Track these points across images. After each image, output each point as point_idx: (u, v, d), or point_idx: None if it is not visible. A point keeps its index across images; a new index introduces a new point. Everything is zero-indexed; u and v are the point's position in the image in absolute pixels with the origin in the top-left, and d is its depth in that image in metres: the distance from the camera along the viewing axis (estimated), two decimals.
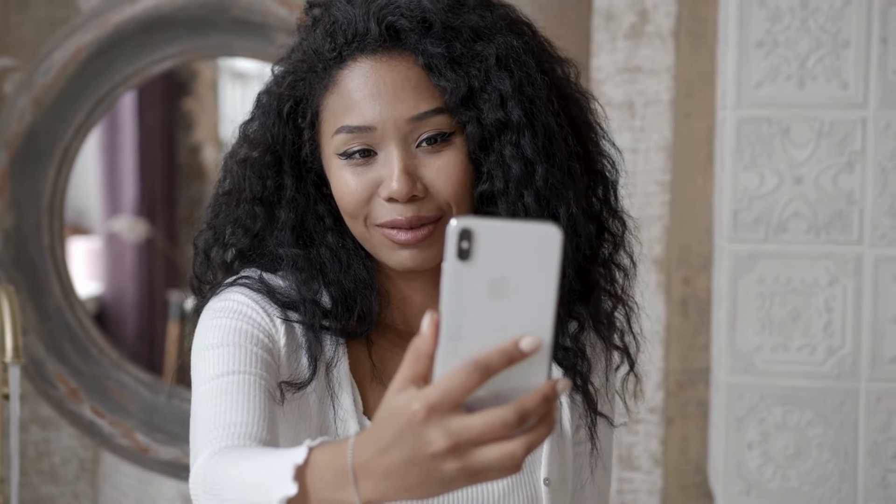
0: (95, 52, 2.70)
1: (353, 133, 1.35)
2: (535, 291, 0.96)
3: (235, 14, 2.66)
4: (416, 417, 0.94)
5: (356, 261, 1.42)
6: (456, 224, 0.95)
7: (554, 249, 0.95)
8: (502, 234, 0.95)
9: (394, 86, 1.35)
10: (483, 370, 0.94)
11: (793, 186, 2.33)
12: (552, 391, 0.95)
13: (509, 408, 0.94)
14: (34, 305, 2.76)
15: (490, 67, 1.36)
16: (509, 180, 1.37)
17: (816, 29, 2.30)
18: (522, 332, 0.96)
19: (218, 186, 1.50)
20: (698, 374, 2.59)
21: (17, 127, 2.71)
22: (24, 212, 2.76)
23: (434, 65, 1.35)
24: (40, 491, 2.85)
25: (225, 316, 1.38)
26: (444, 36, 1.36)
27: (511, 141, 1.37)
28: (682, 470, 2.63)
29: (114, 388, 2.80)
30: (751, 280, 2.35)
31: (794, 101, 2.32)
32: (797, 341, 2.35)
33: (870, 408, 2.33)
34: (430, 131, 1.35)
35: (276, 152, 1.42)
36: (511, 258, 0.95)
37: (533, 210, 1.37)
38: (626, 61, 2.59)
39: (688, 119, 2.58)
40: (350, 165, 1.36)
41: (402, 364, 0.98)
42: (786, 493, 2.36)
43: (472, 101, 1.36)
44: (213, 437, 1.25)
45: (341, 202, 1.38)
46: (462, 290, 0.95)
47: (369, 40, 1.36)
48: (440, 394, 0.94)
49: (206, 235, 1.49)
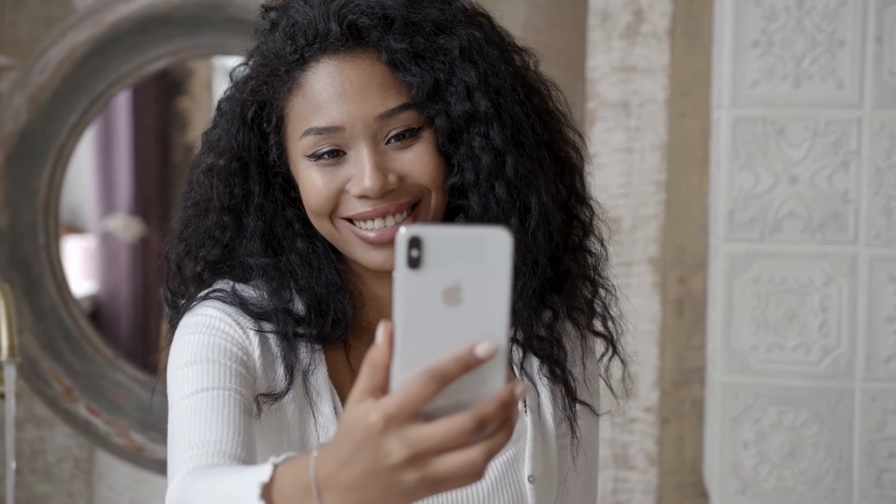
0: (90, 51, 2.69)
1: (321, 134, 1.35)
2: (489, 297, 0.95)
3: (230, 13, 2.65)
4: (374, 429, 0.94)
5: (327, 265, 1.42)
6: (405, 232, 0.94)
7: (505, 254, 0.95)
8: (452, 241, 0.94)
9: (359, 84, 1.35)
10: (439, 378, 0.93)
11: (788, 186, 2.33)
12: (510, 396, 0.95)
13: (467, 415, 0.93)
14: (29, 304, 2.76)
15: (454, 60, 1.36)
16: (480, 172, 1.37)
17: (812, 28, 2.30)
18: (478, 337, 0.95)
19: (185, 198, 1.48)
20: (694, 373, 2.59)
21: (13, 126, 2.71)
22: (19, 211, 2.75)
23: (398, 61, 1.35)
24: (35, 490, 2.84)
25: (199, 332, 1.37)
26: (407, 31, 1.36)
27: (479, 132, 1.37)
28: (677, 469, 2.63)
29: (109, 387, 2.80)
30: (746, 280, 2.35)
31: (790, 100, 2.32)
32: (792, 341, 2.35)
33: (865, 407, 2.33)
34: (399, 128, 1.35)
35: (241, 159, 1.41)
36: (462, 264, 0.94)
37: (504, 200, 1.37)
38: (621, 61, 2.59)
39: (683, 118, 2.58)
40: (319, 166, 1.36)
41: (359, 376, 0.97)
42: (781, 492, 2.37)
43: (438, 95, 1.36)
44: (189, 457, 1.25)
45: (308, 201, 1.38)
46: (414, 299, 0.95)
47: (331, 40, 1.35)
48: (397, 404, 0.93)
49: (178, 248, 1.48)
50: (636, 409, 2.61)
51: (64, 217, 4.57)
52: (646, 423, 2.62)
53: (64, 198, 2.97)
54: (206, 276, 1.46)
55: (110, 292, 4.96)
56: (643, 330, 2.57)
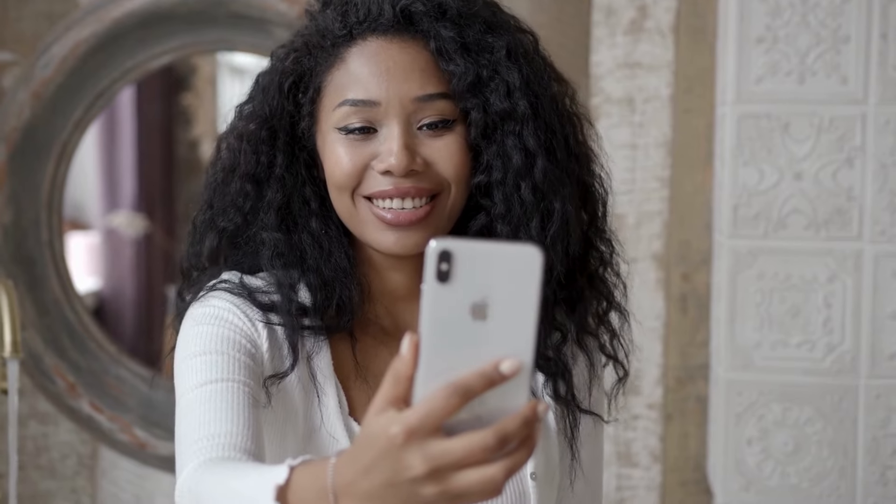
0: (94, 47, 2.69)
1: (356, 106, 1.36)
2: (516, 313, 0.95)
3: (234, 8, 2.65)
4: (395, 441, 0.93)
5: (338, 249, 1.42)
6: (435, 245, 0.94)
7: (535, 271, 0.94)
8: (482, 256, 0.94)
9: (402, 65, 1.36)
10: (463, 393, 0.93)
11: (792, 182, 2.32)
12: (532, 414, 0.94)
13: (489, 432, 0.93)
14: (33, 300, 2.76)
15: (499, 58, 1.38)
16: (508, 170, 1.38)
17: (816, 24, 2.30)
18: (503, 354, 0.94)
19: (212, 165, 1.50)
20: (697, 370, 2.59)
21: (16, 122, 2.70)
22: (22, 207, 2.75)
23: (445, 49, 1.37)
24: (39, 486, 2.84)
25: (207, 323, 1.37)
26: (458, 22, 1.38)
27: (514, 131, 1.38)
28: (681, 466, 2.63)
29: (112, 383, 2.80)
30: (750, 276, 2.35)
31: (794, 96, 2.32)
32: (796, 338, 2.35)
33: (869, 404, 2.33)
34: (433, 116, 1.37)
35: (271, 128, 1.42)
36: (491, 280, 0.94)
37: (528, 202, 1.38)
38: (625, 57, 2.58)
39: (687, 115, 2.57)
40: (348, 140, 1.37)
41: (381, 385, 0.97)
42: (785, 489, 2.36)
43: (478, 89, 1.37)
44: (199, 448, 1.25)
45: (332, 174, 1.39)
46: (442, 312, 0.94)
47: (382, 21, 1.38)
48: (419, 417, 0.93)
49: (205, 215, 1.49)
50: (640, 405, 2.61)
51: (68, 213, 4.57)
52: (649, 419, 2.61)
53: (68, 194, 2.97)
54: (224, 250, 1.46)
55: (114, 288, 4.96)
56: (647, 327, 2.56)
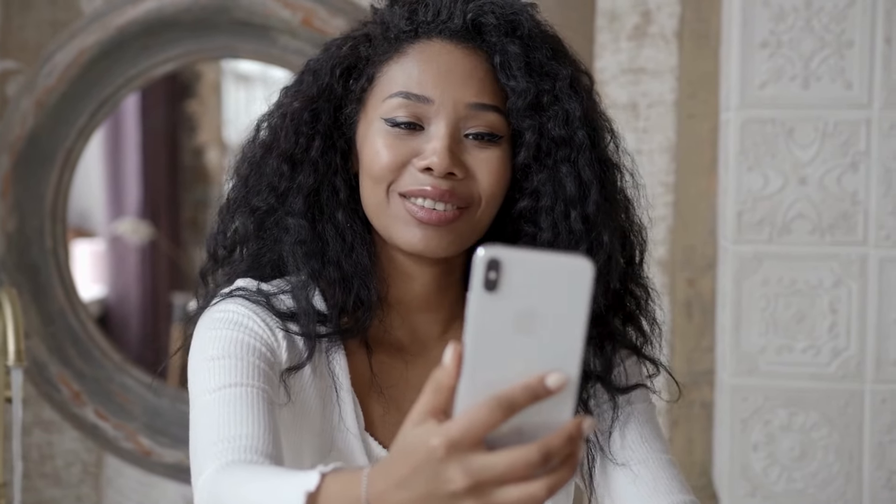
0: (98, 55, 2.69)
1: (408, 100, 1.35)
2: (564, 326, 0.92)
3: (238, 16, 2.65)
4: (436, 454, 0.91)
5: (360, 245, 1.41)
6: (484, 253, 0.91)
7: (585, 283, 0.92)
8: (532, 266, 0.92)
9: (462, 70, 1.36)
10: (507, 407, 0.91)
11: (797, 187, 2.32)
12: (577, 430, 0.92)
13: (533, 448, 0.91)
14: (37, 309, 2.76)
15: (562, 87, 1.38)
16: (559, 197, 1.37)
17: (820, 29, 2.30)
18: (548, 367, 0.92)
19: (248, 143, 1.47)
20: (703, 375, 2.58)
21: (20, 130, 2.71)
22: (26, 215, 2.76)
23: (509, 64, 1.36)
24: (44, 494, 2.84)
25: (225, 327, 1.36)
26: (527, 42, 1.38)
27: (569, 158, 1.37)
28: (686, 471, 2.62)
29: (117, 391, 2.80)
30: (755, 281, 2.34)
31: (799, 101, 2.31)
32: (802, 343, 2.34)
33: (875, 409, 2.32)
34: (482, 127, 1.36)
35: (315, 109, 1.41)
36: (540, 291, 0.91)
37: (578, 231, 1.37)
38: (629, 62, 2.58)
39: (692, 120, 2.57)
40: (393, 133, 1.36)
41: (420, 395, 0.95)
42: (791, 494, 2.36)
43: (537, 110, 1.37)
44: (218, 450, 1.23)
45: (370, 164, 1.37)
46: (488, 322, 0.92)
47: (450, 26, 1.37)
48: (461, 430, 0.91)
49: (240, 192, 1.45)
50: None
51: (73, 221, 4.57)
52: None
53: (73, 201, 2.97)
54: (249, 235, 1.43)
55: (119, 296, 4.97)
56: None
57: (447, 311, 1.45)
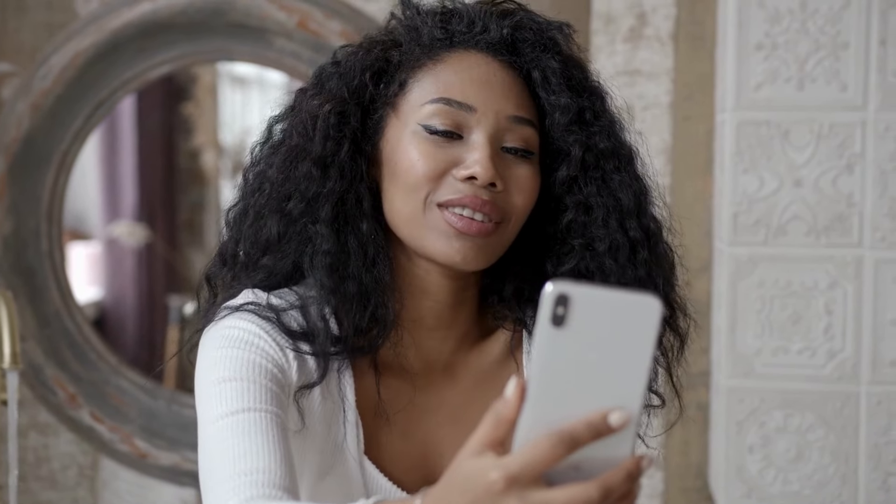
0: (93, 57, 2.69)
1: (450, 106, 1.33)
2: (628, 363, 0.92)
3: (233, 18, 2.65)
4: (495, 487, 0.90)
5: (382, 260, 1.37)
6: (553, 288, 0.91)
7: (652, 322, 0.91)
8: (600, 302, 0.91)
9: (502, 82, 1.35)
10: (569, 442, 0.90)
11: (792, 189, 2.32)
12: (637, 468, 0.92)
13: (592, 485, 0.90)
14: (33, 311, 2.76)
15: (600, 104, 1.38)
16: (614, 208, 1.36)
17: (815, 31, 2.30)
18: (611, 404, 0.92)
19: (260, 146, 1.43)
20: (699, 377, 2.58)
21: (16, 132, 2.71)
22: (22, 217, 2.75)
23: (549, 79, 1.36)
24: (40, 497, 2.84)
25: (235, 346, 1.32)
26: (565, 61, 1.38)
27: (619, 169, 1.37)
28: (682, 473, 2.62)
29: (113, 394, 2.79)
30: (751, 283, 2.34)
31: (794, 103, 2.31)
32: (797, 344, 2.34)
33: (870, 411, 2.32)
34: (519, 142, 1.35)
35: (343, 112, 1.37)
36: (607, 327, 0.91)
37: (638, 241, 1.37)
38: (625, 64, 2.58)
39: (687, 122, 2.57)
40: (430, 140, 1.33)
41: (479, 426, 0.94)
42: (787, 496, 2.36)
43: (581, 125, 1.36)
44: (237, 485, 1.20)
45: (406, 173, 1.34)
46: (553, 357, 0.91)
47: (486, 38, 1.36)
48: (521, 464, 0.90)
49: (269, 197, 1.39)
50: None
51: (69, 223, 4.57)
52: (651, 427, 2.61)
53: (69, 204, 2.97)
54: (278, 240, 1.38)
55: (115, 298, 4.96)
56: None
57: (460, 329, 1.43)
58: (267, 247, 1.39)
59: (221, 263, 1.44)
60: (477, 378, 1.44)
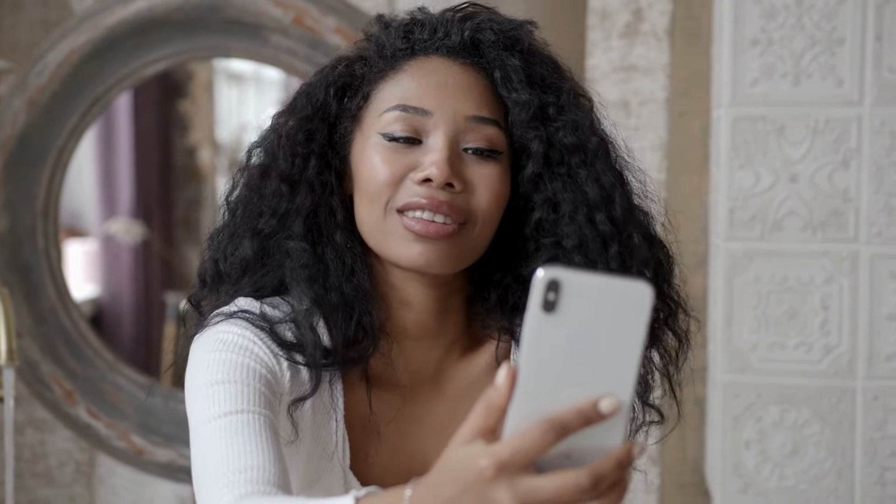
0: (89, 54, 2.69)
1: (406, 112, 1.33)
2: (619, 350, 0.91)
3: (229, 15, 2.65)
4: (485, 475, 0.90)
5: (360, 269, 1.37)
6: (544, 274, 0.90)
7: (644, 308, 0.90)
8: (591, 288, 0.90)
9: (461, 84, 1.34)
10: (559, 430, 0.90)
11: (788, 184, 2.32)
12: (627, 456, 0.91)
13: (583, 472, 0.90)
14: (29, 308, 2.76)
15: (567, 99, 1.37)
16: (581, 203, 1.35)
17: (811, 27, 2.30)
18: (602, 391, 0.91)
19: (240, 171, 1.44)
20: (695, 372, 2.58)
21: (11, 129, 2.71)
22: (18, 214, 2.75)
23: (510, 77, 1.35)
24: (36, 493, 2.84)
25: (228, 350, 1.32)
26: (527, 58, 1.37)
27: (586, 163, 1.36)
28: (679, 469, 2.62)
29: (109, 390, 2.79)
30: (747, 278, 2.35)
31: (790, 99, 2.31)
32: (793, 339, 2.34)
33: (866, 406, 2.33)
34: (481, 142, 1.34)
35: (310, 129, 1.38)
36: (598, 313, 0.90)
37: (607, 234, 1.35)
38: (621, 60, 2.58)
39: (683, 118, 2.57)
40: (390, 147, 1.33)
41: (470, 414, 0.94)
42: (783, 491, 2.36)
43: (542, 121, 1.35)
44: (230, 482, 1.20)
45: (367, 181, 1.34)
46: (544, 344, 0.91)
47: (447, 43, 1.36)
48: (511, 451, 0.90)
49: (244, 217, 1.40)
50: None
51: (65, 220, 4.56)
52: None
53: (65, 201, 2.97)
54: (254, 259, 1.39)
55: (112, 296, 4.96)
56: None
57: (447, 337, 1.42)
58: (245, 266, 1.40)
59: (202, 285, 1.45)
60: (464, 388, 1.43)
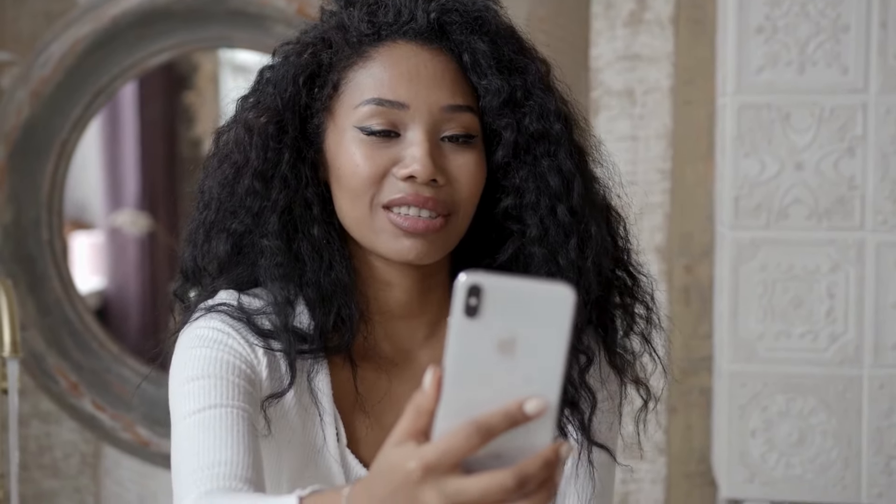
0: (92, 45, 2.69)
1: (383, 106, 1.32)
2: (544, 352, 0.92)
3: (232, 5, 2.65)
4: (412, 477, 0.91)
5: (339, 262, 1.37)
6: (465, 279, 0.91)
7: (566, 310, 0.91)
8: (513, 292, 0.91)
9: (433, 72, 1.34)
10: (484, 432, 0.91)
11: (794, 173, 2.31)
12: (554, 456, 0.92)
13: (508, 473, 0.91)
14: (34, 300, 2.76)
15: (534, 81, 1.36)
16: (543, 193, 1.35)
17: (816, 14, 2.29)
18: (528, 392, 0.92)
19: (210, 157, 1.44)
20: (701, 362, 2.58)
21: (15, 121, 2.70)
22: (22, 206, 2.75)
23: (479, 62, 1.34)
24: (42, 485, 2.84)
25: (205, 346, 1.33)
26: (494, 39, 1.36)
27: (549, 152, 1.36)
28: (685, 458, 2.62)
29: (114, 382, 2.80)
30: (752, 267, 2.34)
31: (795, 86, 2.31)
32: (799, 328, 2.34)
33: (873, 394, 2.32)
34: (458, 129, 1.34)
35: (281, 122, 1.37)
36: (521, 317, 0.91)
37: (566, 224, 1.36)
38: (625, 49, 2.57)
39: (688, 106, 2.57)
40: (367, 142, 1.33)
41: (402, 417, 0.95)
42: (789, 480, 2.36)
43: (512, 107, 1.35)
44: (197, 479, 1.22)
45: (349, 178, 1.34)
46: (468, 348, 0.92)
47: (413, 26, 1.35)
48: (438, 454, 0.91)
49: (216, 215, 1.41)
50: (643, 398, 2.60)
51: (71, 213, 4.57)
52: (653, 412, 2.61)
53: (70, 194, 2.97)
54: (228, 258, 1.40)
55: (118, 288, 4.97)
56: None
57: (431, 315, 1.43)
58: (221, 265, 1.41)
59: (185, 279, 1.46)
60: None
